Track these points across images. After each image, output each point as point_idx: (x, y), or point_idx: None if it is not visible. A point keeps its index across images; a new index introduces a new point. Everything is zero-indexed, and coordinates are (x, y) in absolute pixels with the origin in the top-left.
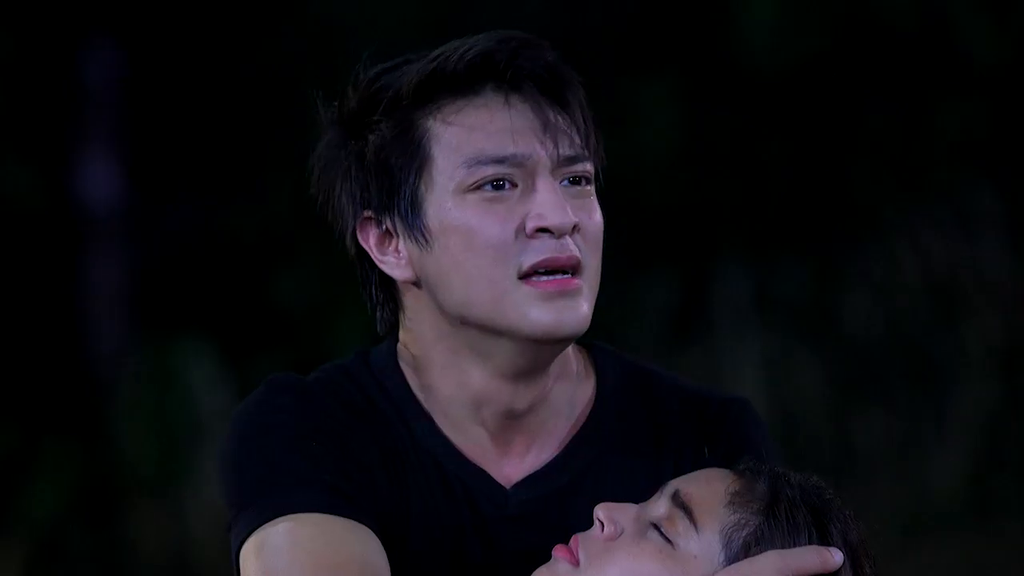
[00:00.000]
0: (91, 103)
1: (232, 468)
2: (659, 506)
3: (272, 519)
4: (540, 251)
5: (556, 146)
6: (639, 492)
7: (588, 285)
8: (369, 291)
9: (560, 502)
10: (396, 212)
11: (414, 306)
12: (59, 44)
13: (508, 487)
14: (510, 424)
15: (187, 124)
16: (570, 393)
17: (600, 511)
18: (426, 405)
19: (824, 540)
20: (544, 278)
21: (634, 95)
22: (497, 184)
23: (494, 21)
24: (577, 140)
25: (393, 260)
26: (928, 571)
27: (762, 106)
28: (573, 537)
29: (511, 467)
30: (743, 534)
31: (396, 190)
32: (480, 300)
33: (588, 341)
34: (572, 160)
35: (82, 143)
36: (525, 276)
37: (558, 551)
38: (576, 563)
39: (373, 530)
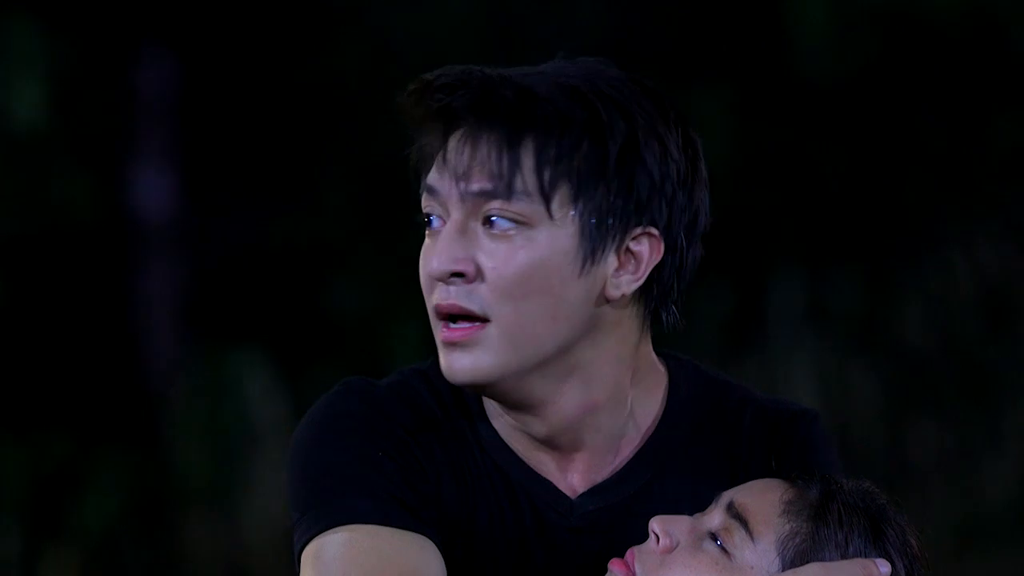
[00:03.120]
0: (146, 113)
1: (298, 469)
2: (714, 517)
3: (331, 527)
4: (437, 295)
5: (462, 180)
6: (706, 505)
7: (497, 334)
8: None
9: (623, 514)
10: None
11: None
12: (114, 54)
13: (573, 497)
14: (560, 442)
15: (241, 133)
16: (634, 406)
17: (655, 524)
18: (493, 412)
19: (878, 545)
20: (447, 324)
21: (688, 106)
22: (426, 218)
23: (549, 32)
24: (496, 174)
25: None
26: None
27: (816, 116)
28: (629, 550)
29: (575, 478)
30: (797, 542)
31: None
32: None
33: (662, 351)
34: (484, 195)
35: (137, 153)
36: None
37: (614, 564)
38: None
39: (434, 541)
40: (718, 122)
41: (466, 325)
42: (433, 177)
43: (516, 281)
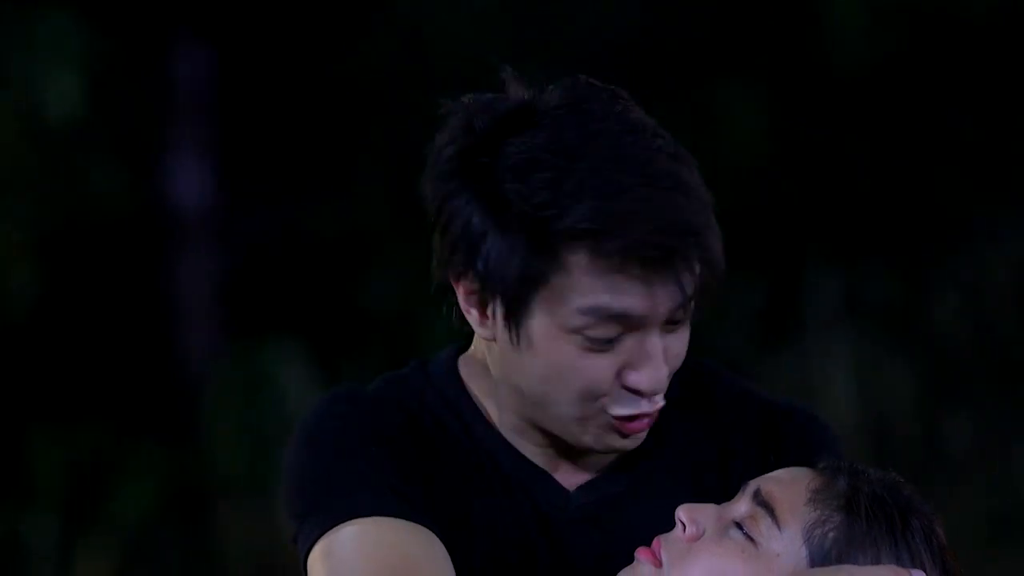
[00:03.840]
0: (181, 105)
1: (294, 479)
2: (741, 505)
3: (336, 525)
4: (628, 406)
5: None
6: (703, 493)
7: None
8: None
9: (620, 505)
10: (499, 299)
11: (489, 348)
12: (150, 46)
13: (571, 490)
14: (557, 441)
15: (277, 125)
16: None
17: (681, 512)
18: (488, 410)
19: (906, 536)
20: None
21: (722, 99)
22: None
23: (581, 24)
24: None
25: (478, 317)
26: (1017, 573)
27: (849, 109)
28: (655, 539)
29: (572, 471)
30: (825, 530)
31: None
32: (558, 413)
33: None
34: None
35: (173, 145)
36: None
37: (641, 553)
38: (659, 564)
39: (436, 533)
40: (753, 115)
41: (647, 420)
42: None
43: (679, 358)
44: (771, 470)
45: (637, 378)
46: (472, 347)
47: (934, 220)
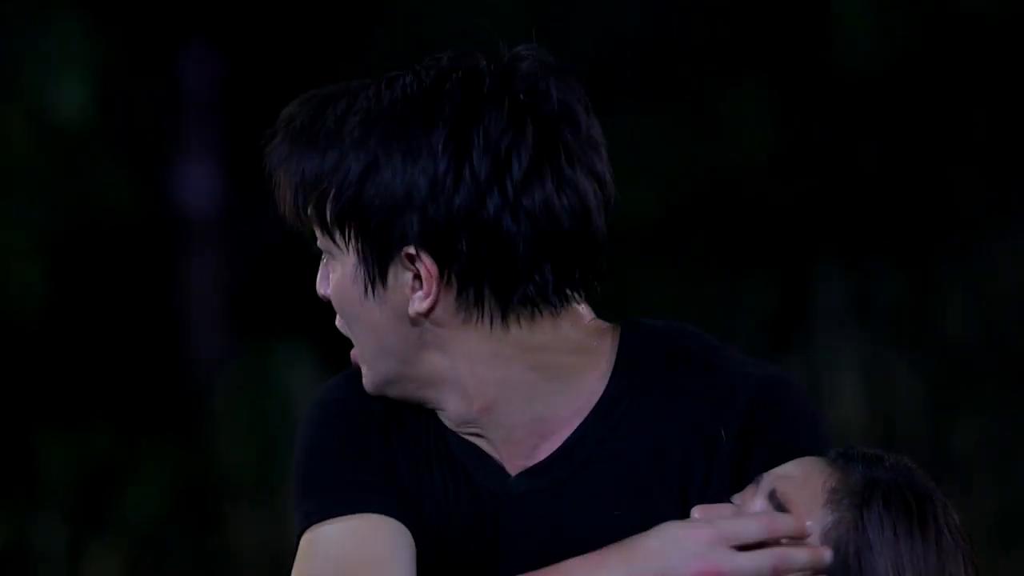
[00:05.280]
0: (190, 108)
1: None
2: (756, 507)
3: (308, 526)
4: None
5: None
6: (657, 473)
7: (360, 352)
8: None
9: (562, 492)
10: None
11: None
12: (158, 49)
13: (512, 474)
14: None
15: None
16: (557, 393)
17: (697, 513)
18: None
19: (923, 524)
20: None
21: (731, 99)
22: None
23: (591, 25)
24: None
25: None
26: None
27: (859, 108)
28: None
29: (510, 461)
30: (842, 531)
31: None
32: None
33: (624, 319)
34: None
35: (181, 148)
36: None
37: None
38: None
39: (401, 519)
40: (762, 115)
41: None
42: None
43: (336, 305)
44: (735, 447)
45: None
46: None
47: (943, 221)
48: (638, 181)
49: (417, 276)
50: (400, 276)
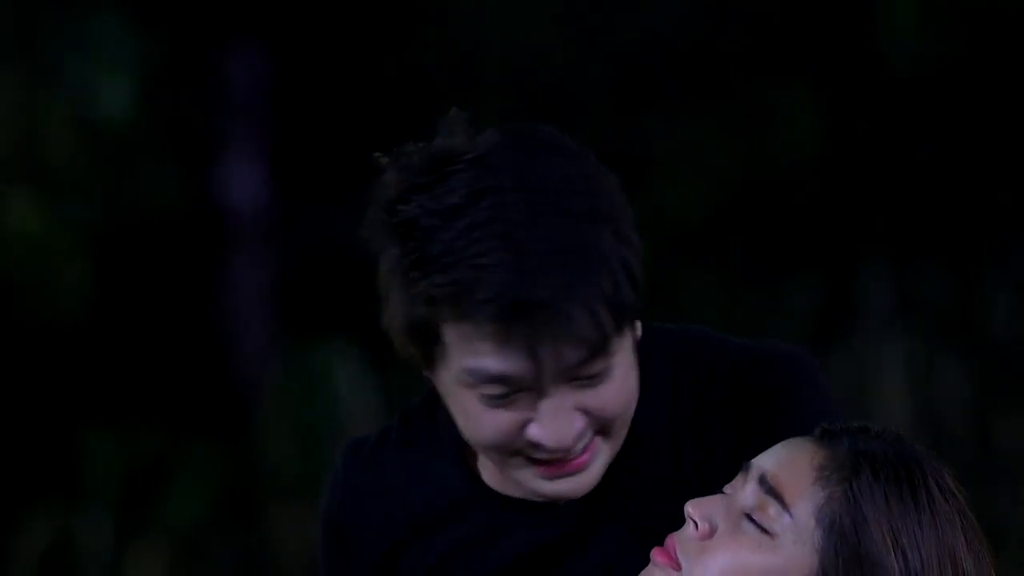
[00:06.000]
0: (235, 105)
1: None
2: (747, 494)
3: None
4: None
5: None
6: (686, 481)
7: (606, 447)
8: None
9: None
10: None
11: None
12: (203, 46)
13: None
14: None
15: (330, 126)
16: None
17: (691, 509)
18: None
19: (914, 490)
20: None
21: (776, 99)
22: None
23: (635, 26)
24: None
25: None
26: None
27: (905, 108)
28: (668, 538)
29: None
30: (834, 507)
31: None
32: (488, 457)
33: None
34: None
35: (226, 146)
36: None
37: (657, 555)
38: (678, 567)
39: None
40: (808, 114)
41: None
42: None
43: (623, 409)
44: (747, 429)
45: (538, 433)
46: None
47: (989, 220)
48: (684, 182)
49: None
50: None
